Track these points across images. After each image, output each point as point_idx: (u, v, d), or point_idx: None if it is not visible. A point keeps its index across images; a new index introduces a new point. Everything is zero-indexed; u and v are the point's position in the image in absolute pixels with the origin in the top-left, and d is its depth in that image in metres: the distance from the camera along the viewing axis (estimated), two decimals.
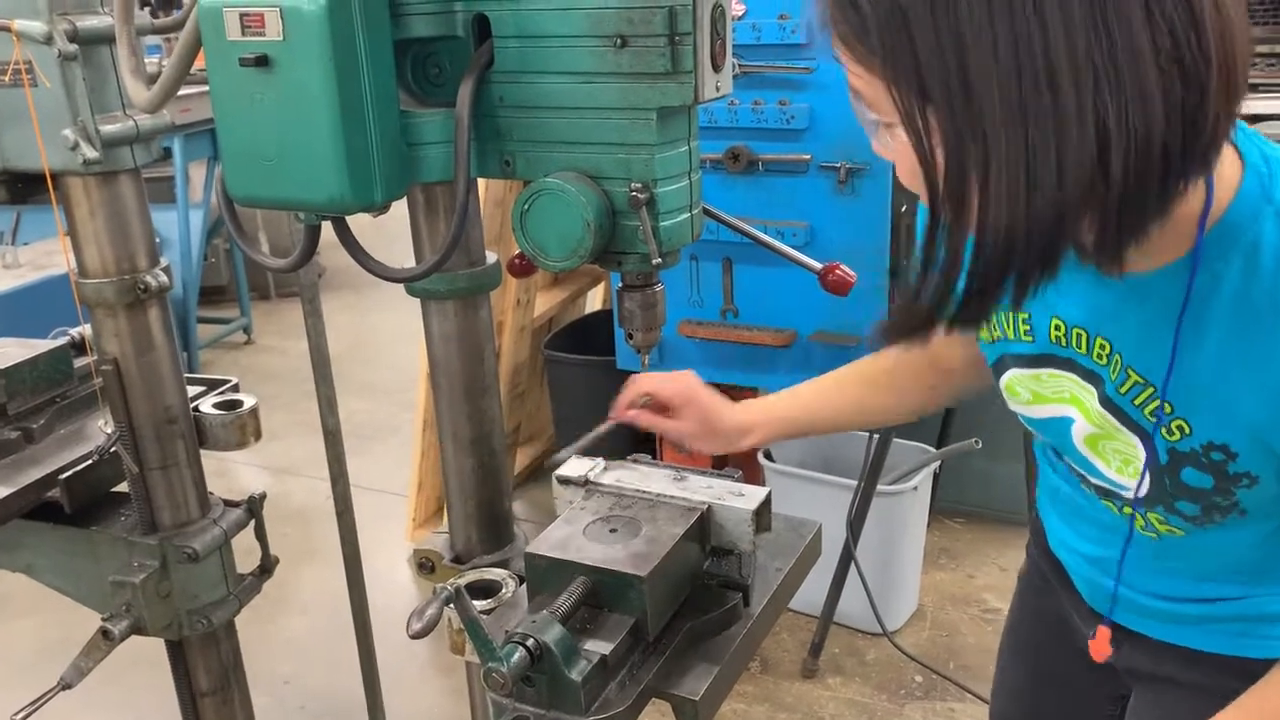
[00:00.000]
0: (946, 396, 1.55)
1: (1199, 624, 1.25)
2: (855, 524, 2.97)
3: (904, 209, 3.22)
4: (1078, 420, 1.15)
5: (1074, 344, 1.12)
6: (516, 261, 1.33)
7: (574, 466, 1.41)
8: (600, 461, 1.43)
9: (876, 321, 1.04)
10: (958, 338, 1.23)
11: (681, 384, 1.54)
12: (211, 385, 1.94)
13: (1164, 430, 1.06)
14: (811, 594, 3.04)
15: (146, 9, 1.62)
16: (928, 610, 3.41)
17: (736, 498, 1.33)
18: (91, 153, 1.46)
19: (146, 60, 1.40)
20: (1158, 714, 1.29)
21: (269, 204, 1.15)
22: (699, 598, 1.31)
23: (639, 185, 1.15)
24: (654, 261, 1.18)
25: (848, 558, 3.01)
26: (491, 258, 1.38)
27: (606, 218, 1.17)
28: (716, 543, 1.34)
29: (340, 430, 2.15)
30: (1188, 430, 1.05)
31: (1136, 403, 1.08)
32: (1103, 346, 1.09)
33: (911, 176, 0.93)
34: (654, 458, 1.49)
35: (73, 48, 1.42)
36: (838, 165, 2.71)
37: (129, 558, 1.68)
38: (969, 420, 3.46)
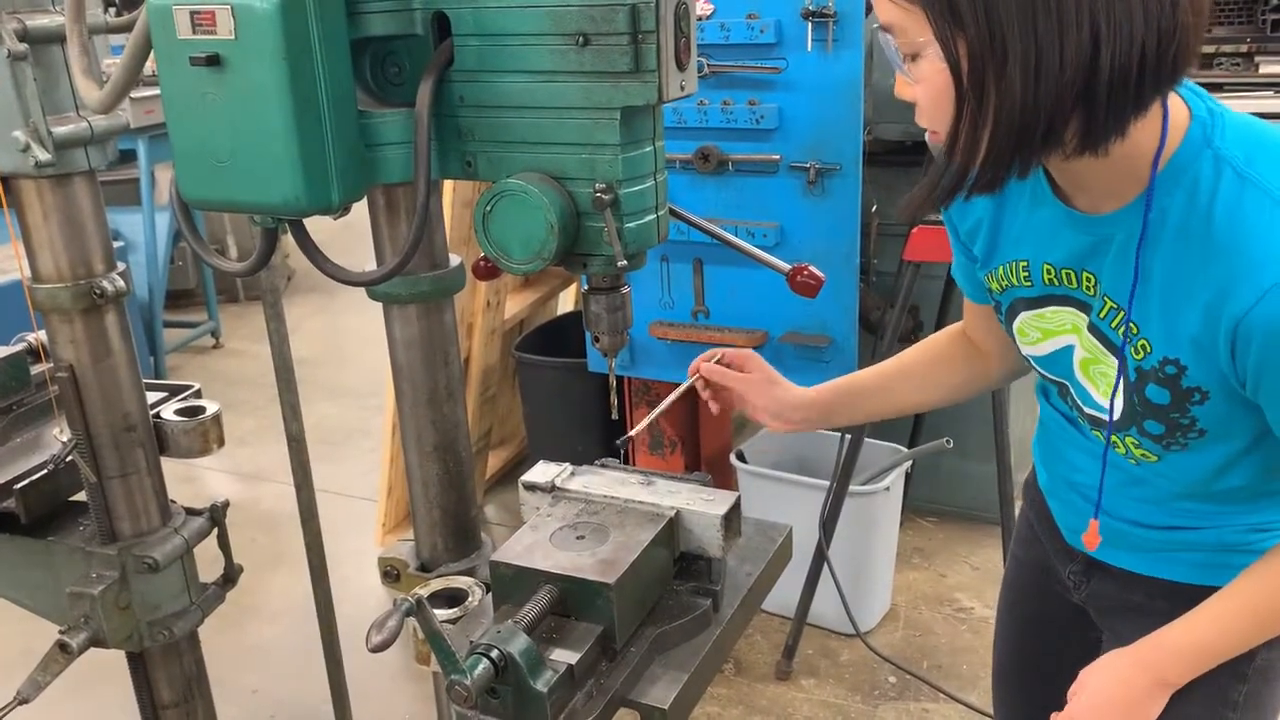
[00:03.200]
0: (985, 382, 1.66)
1: (1167, 552, 1.36)
2: (828, 525, 2.96)
3: (873, 208, 3.23)
4: (1076, 346, 1.31)
5: (1065, 281, 1.28)
6: (481, 264, 1.31)
7: (540, 472, 1.39)
8: (567, 467, 1.40)
9: (904, 199, 1.23)
10: (994, 329, 1.49)
11: (746, 353, 1.67)
12: (173, 391, 1.91)
13: (1132, 349, 1.22)
14: (785, 595, 3.03)
15: (111, 9, 1.59)
16: (901, 610, 3.41)
17: (705, 503, 1.32)
18: (44, 155, 1.43)
19: (110, 61, 1.37)
20: (1126, 640, 1.34)
21: (222, 206, 1.12)
22: (668, 604, 1.29)
23: (603, 186, 1.13)
24: (619, 264, 1.16)
25: (820, 559, 3.00)
26: (455, 260, 1.36)
27: (570, 219, 1.15)
28: (686, 548, 1.33)
29: (304, 437, 2.11)
30: (1148, 349, 1.20)
31: (1113, 325, 1.23)
32: (1088, 279, 1.25)
33: (935, 102, 1.08)
34: (624, 463, 1.47)
35: (23, 47, 1.39)
36: (807, 165, 2.70)
37: (87, 568, 1.64)
38: (940, 420, 3.47)
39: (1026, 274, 1.32)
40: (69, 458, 1.61)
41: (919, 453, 3.16)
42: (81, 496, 1.68)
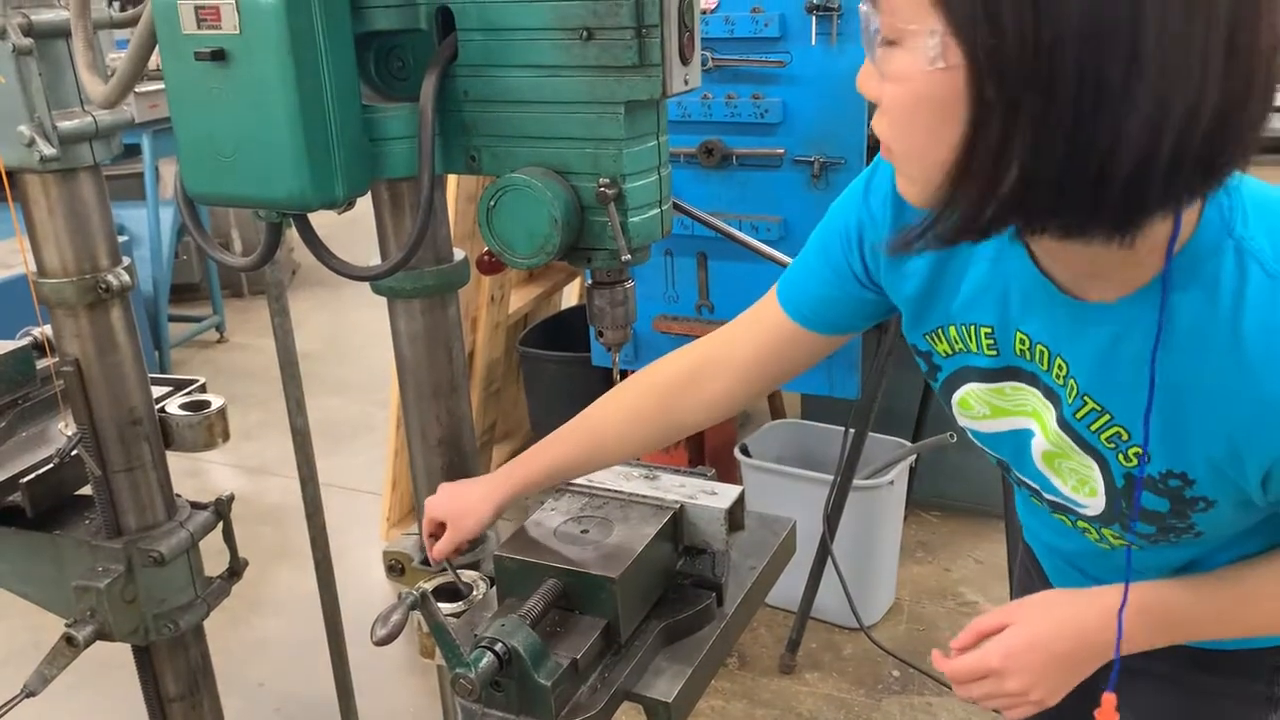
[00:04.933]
0: (700, 416, 1.33)
1: None
2: (832, 519, 2.96)
3: None
4: (1037, 434, 1.12)
5: (1037, 359, 1.08)
6: (485, 258, 1.32)
7: None
8: None
9: (893, 237, 1.00)
10: (765, 354, 1.24)
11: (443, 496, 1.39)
12: (178, 385, 1.91)
13: (1120, 456, 1.04)
14: (788, 589, 3.03)
15: (115, 3, 1.59)
16: (905, 604, 3.41)
17: (709, 496, 1.32)
18: (48, 149, 1.43)
19: (115, 55, 1.37)
20: (1126, 703, 1.29)
21: (227, 201, 1.12)
22: (672, 598, 1.29)
23: (607, 180, 1.13)
24: (623, 258, 1.16)
25: (824, 553, 3.01)
26: (459, 255, 1.36)
27: (574, 214, 1.15)
28: (689, 542, 1.33)
29: (309, 431, 2.12)
30: (1145, 457, 1.02)
31: (1093, 428, 1.05)
32: (1060, 367, 1.06)
33: (909, 112, 0.84)
34: None
35: (28, 42, 1.39)
36: (812, 159, 2.70)
37: (93, 562, 1.65)
38: (945, 413, 3.46)
39: (991, 341, 1.11)
40: (74, 452, 1.62)
41: (923, 447, 3.16)
42: (87, 490, 1.69)
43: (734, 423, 3.85)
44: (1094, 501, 1.10)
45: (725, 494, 1.32)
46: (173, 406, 1.81)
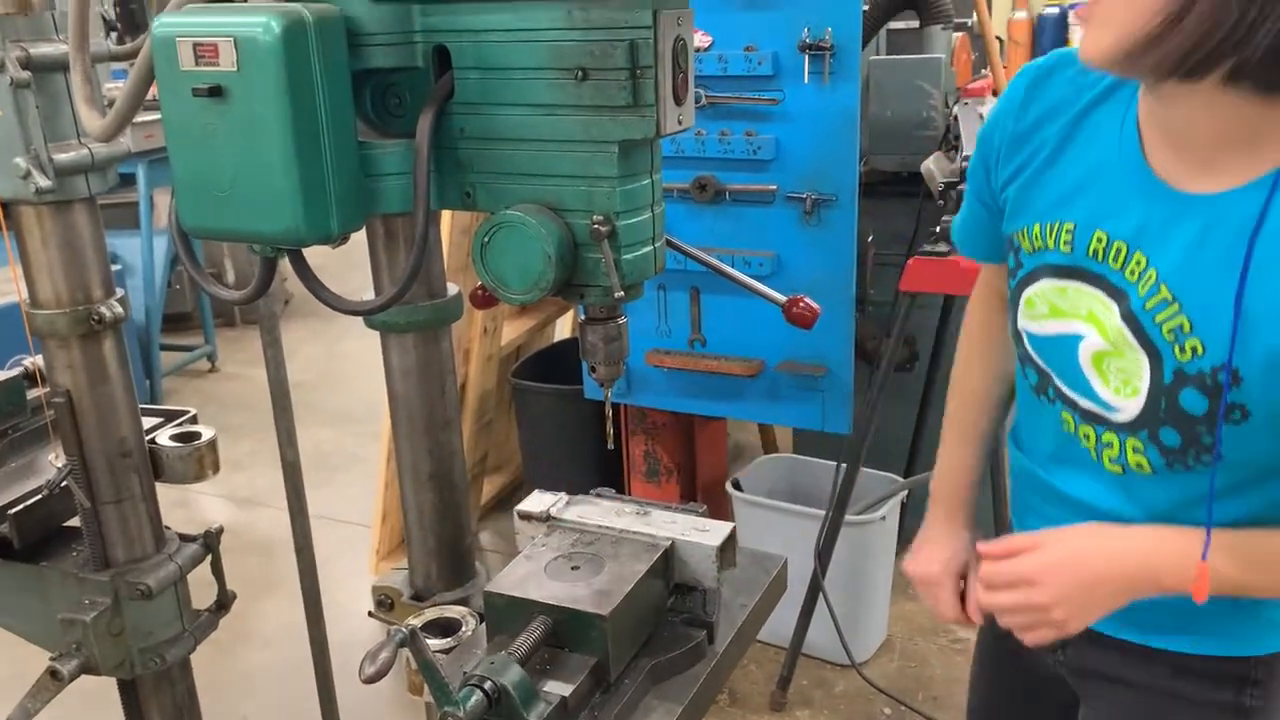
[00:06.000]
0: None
1: (1147, 614, 1.26)
2: (823, 554, 2.96)
3: (869, 239, 3.24)
4: (1089, 336, 1.20)
5: (1110, 259, 1.18)
6: (479, 293, 1.32)
7: (536, 501, 1.39)
8: (563, 496, 1.40)
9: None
10: None
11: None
12: (169, 416, 1.90)
13: (1177, 349, 1.12)
14: (780, 625, 3.02)
15: (113, 35, 1.60)
16: (896, 641, 3.40)
17: (700, 533, 1.32)
18: (44, 181, 1.43)
19: (111, 85, 1.38)
20: (1109, 715, 1.30)
21: (222, 235, 1.13)
22: (663, 636, 1.29)
23: (600, 218, 1.14)
24: (616, 294, 1.17)
25: (816, 589, 3.00)
26: (453, 289, 1.36)
27: (568, 250, 1.15)
28: (680, 579, 1.32)
29: (300, 464, 2.11)
30: (1201, 350, 1.10)
31: (1158, 319, 1.14)
32: (1139, 262, 1.15)
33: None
34: (619, 492, 1.47)
35: (25, 75, 1.40)
36: (804, 196, 2.72)
37: (79, 595, 1.63)
38: (935, 449, 3.46)
39: (1070, 238, 1.21)
40: (63, 483, 1.61)
41: (915, 482, 3.16)
42: (75, 522, 1.68)
43: (725, 457, 3.85)
44: (1132, 403, 1.18)
45: (716, 531, 1.32)
46: (163, 438, 1.80)
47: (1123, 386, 1.18)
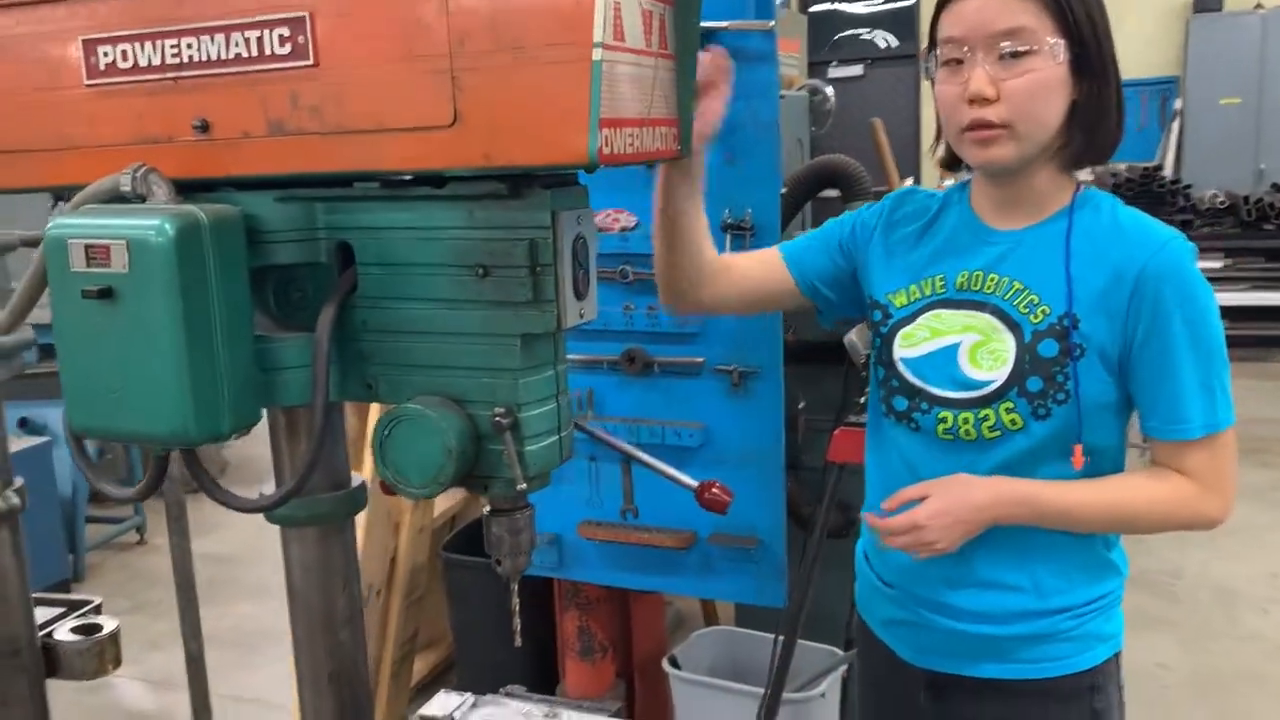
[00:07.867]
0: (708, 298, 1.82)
1: (998, 645, 1.61)
2: None
3: (800, 405, 3.27)
4: (965, 340, 1.60)
5: (973, 285, 1.63)
6: (385, 481, 1.29)
7: (440, 704, 1.33)
8: (469, 697, 1.35)
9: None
10: (754, 274, 1.84)
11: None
12: (72, 607, 1.81)
13: (1031, 316, 1.56)
14: None
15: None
16: None
17: None
18: None
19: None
20: None
21: (113, 436, 1.10)
22: None
23: (502, 410, 1.13)
24: (519, 486, 1.15)
25: None
26: (357, 479, 1.34)
27: (470, 443, 1.14)
28: None
29: (204, 657, 2.02)
30: (1048, 311, 1.55)
31: (1015, 303, 1.58)
32: (993, 279, 1.61)
33: (1045, 86, 1.50)
34: (558, 683, 1.41)
35: None
36: (730, 368, 2.75)
37: None
38: None
39: (942, 283, 1.66)
40: None
41: (855, 656, 3.09)
42: None
43: (665, 630, 3.76)
44: (1001, 370, 1.56)
45: None
46: (62, 631, 1.71)
47: (994, 363, 1.57)
